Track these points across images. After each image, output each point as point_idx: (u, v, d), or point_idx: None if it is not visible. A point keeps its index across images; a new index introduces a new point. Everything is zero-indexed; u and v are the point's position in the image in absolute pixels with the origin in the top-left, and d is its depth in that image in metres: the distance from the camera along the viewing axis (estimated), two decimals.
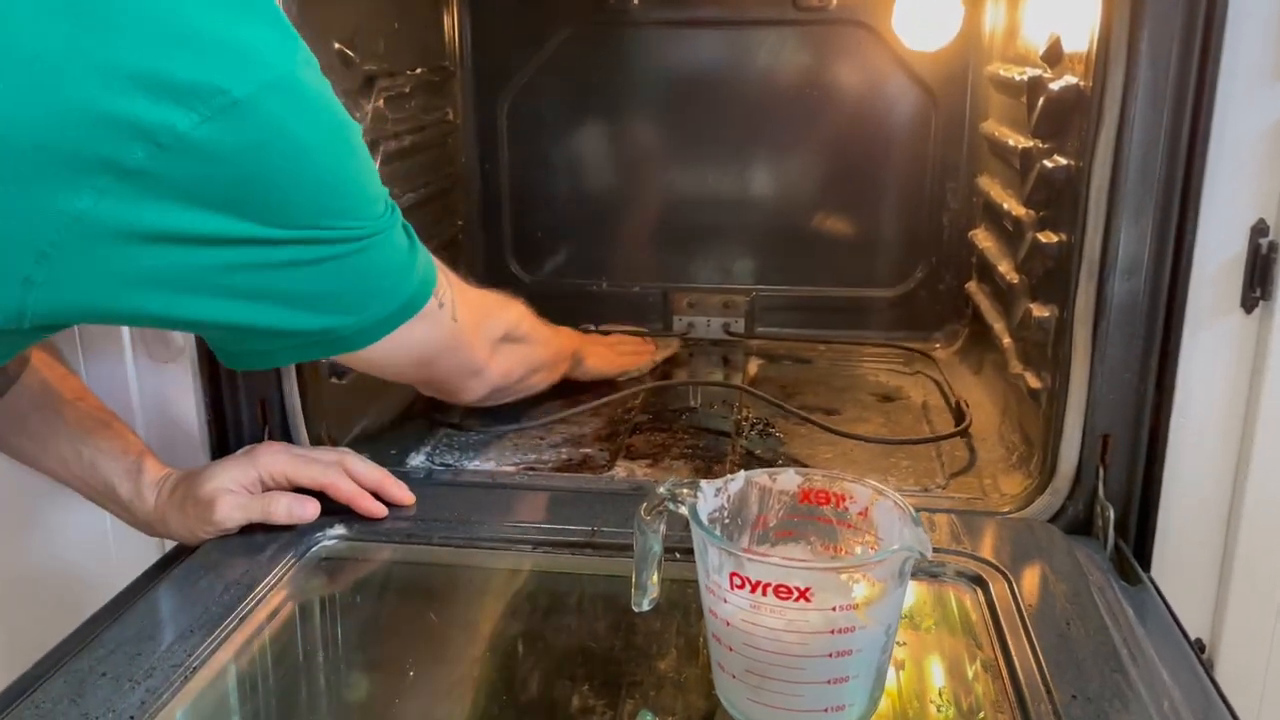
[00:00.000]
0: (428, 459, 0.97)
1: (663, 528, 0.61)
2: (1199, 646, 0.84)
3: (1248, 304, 0.77)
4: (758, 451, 0.98)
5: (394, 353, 0.72)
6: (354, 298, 0.65)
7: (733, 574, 0.53)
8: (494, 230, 1.35)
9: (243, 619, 0.68)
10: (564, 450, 0.99)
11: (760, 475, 0.62)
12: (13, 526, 0.92)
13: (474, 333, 0.83)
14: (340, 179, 0.61)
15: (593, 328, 1.29)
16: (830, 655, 0.53)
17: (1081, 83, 0.82)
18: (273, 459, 0.77)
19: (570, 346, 1.07)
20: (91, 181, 0.51)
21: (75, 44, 0.50)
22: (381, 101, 1.06)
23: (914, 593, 0.72)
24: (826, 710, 0.55)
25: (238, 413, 0.90)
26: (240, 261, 0.58)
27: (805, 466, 0.94)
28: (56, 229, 0.52)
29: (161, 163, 0.52)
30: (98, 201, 0.52)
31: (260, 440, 0.90)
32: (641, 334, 1.30)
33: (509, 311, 0.92)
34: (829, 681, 0.54)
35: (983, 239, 1.18)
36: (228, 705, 0.63)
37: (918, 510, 0.79)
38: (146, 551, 0.84)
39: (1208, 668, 0.69)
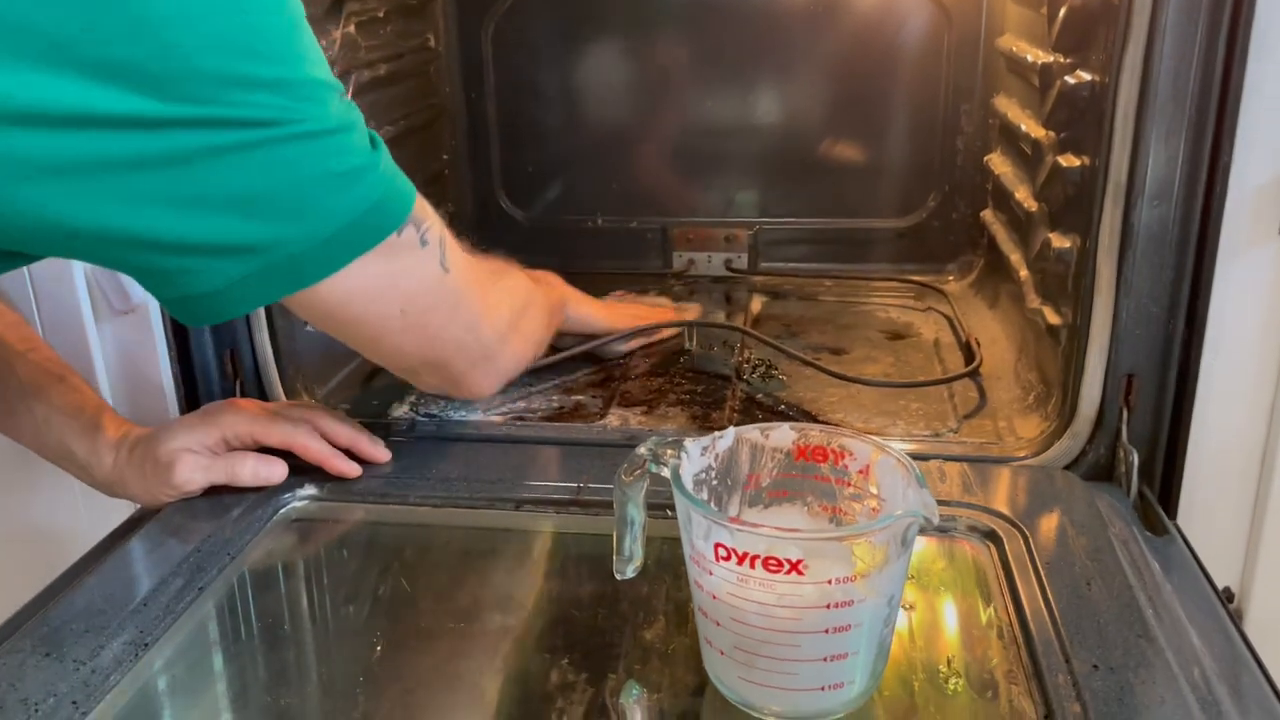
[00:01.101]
0: (411, 409, 0.92)
1: (644, 492, 0.56)
2: (1227, 595, 0.80)
3: None
4: (759, 396, 0.93)
5: (370, 302, 0.61)
6: (292, 200, 0.53)
7: (718, 544, 0.48)
8: (482, 164, 1.29)
9: (203, 589, 0.64)
10: (555, 397, 0.94)
11: (751, 431, 0.57)
12: None
13: (476, 299, 0.70)
14: (262, 35, 0.50)
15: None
16: (827, 631, 0.49)
17: None
18: (236, 417, 0.73)
19: (557, 296, 0.94)
20: None
21: None
22: (352, 27, 0.99)
23: (923, 550, 0.67)
24: (824, 689, 0.51)
25: (206, 366, 0.86)
26: (132, 151, 0.48)
27: (809, 411, 0.89)
28: None
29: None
30: None
31: (231, 394, 0.86)
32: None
33: (511, 279, 0.79)
34: (826, 659, 0.50)
35: (999, 164, 1.11)
36: (185, 684, 0.59)
37: (927, 458, 0.76)
38: (117, 513, 0.80)
39: (1237, 620, 0.64)
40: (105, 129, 0.47)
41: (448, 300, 0.67)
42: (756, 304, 1.18)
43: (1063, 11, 0.85)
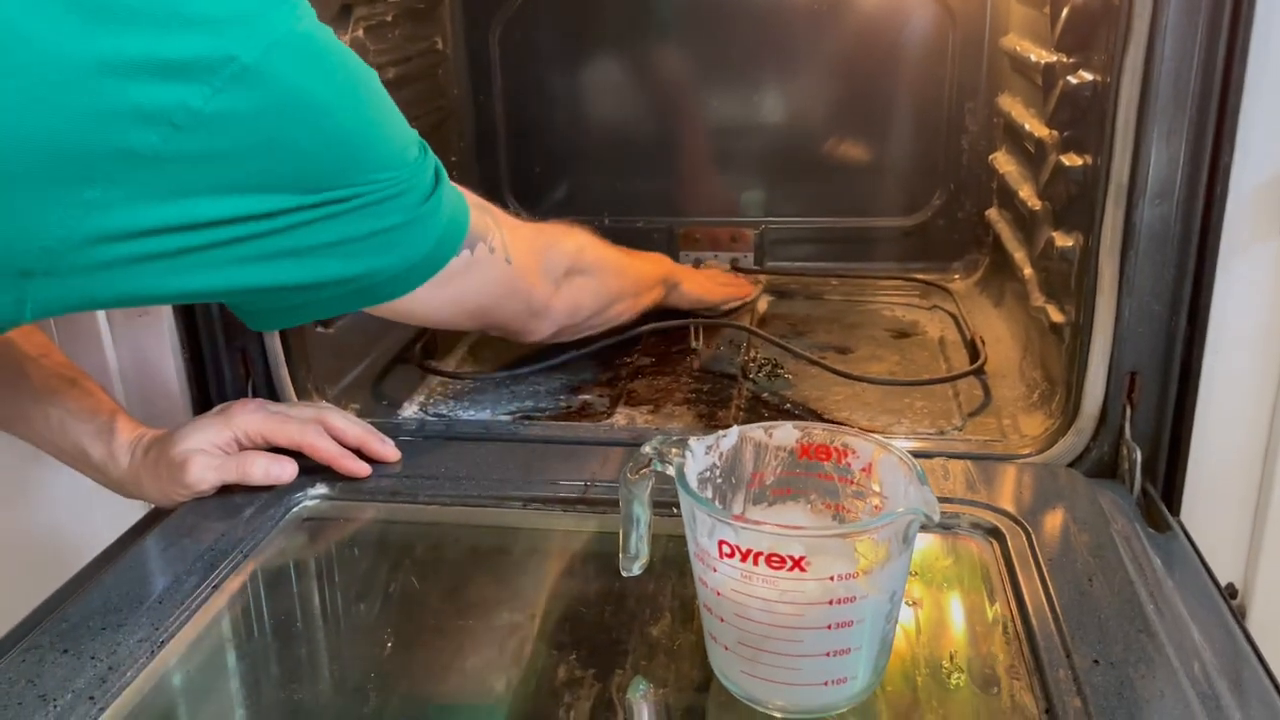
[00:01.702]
0: (421, 409, 0.93)
1: (649, 490, 0.56)
2: (1230, 592, 0.80)
3: None
4: (765, 394, 0.94)
5: (449, 306, 0.71)
6: (383, 243, 0.62)
7: (721, 541, 0.49)
8: (489, 165, 1.30)
9: (217, 586, 0.65)
10: (562, 397, 0.95)
11: (755, 430, 0.57)
12: None
13: (533, 273, 0.79)
14: (367, 130, 0.59)
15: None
16: (829, 627, 0.49)
17: None
18: (248, 418, 0.74)
19: (658, 273, 1.02)
20: (103, 173, 0.49)
21: (79, 39, 0.48)
22: (361, 31, 1.00)
23: (927, 547, 0.68)
24: (827, 684, 0.51)
25: (219, 366, 0.87)
26: (270, 230, 0.57)
27: (814, 410, 0.90)
28: (63, 223, 0.50)
29: (178, 144, 0.50)
30: (106, 193, 0.50)
31: (243, 394, 0.87)
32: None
33: (569, 241, 0.87)
34: (829, 654, 0.50)
35: (1003, 163, 1.11)
36: (199, 680, 0.60)
37: (931, 455, 0.77)
38: (132, 512, 0.81)
39: (1239, 617, 0.65)
40: (243, 223, 0.55)
41: (509, 287, 0.77)
42: (763, 303, 1.19)
43: (1065, 11, 0.85)
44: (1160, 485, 0.78)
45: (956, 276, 1.22)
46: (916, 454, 0.77)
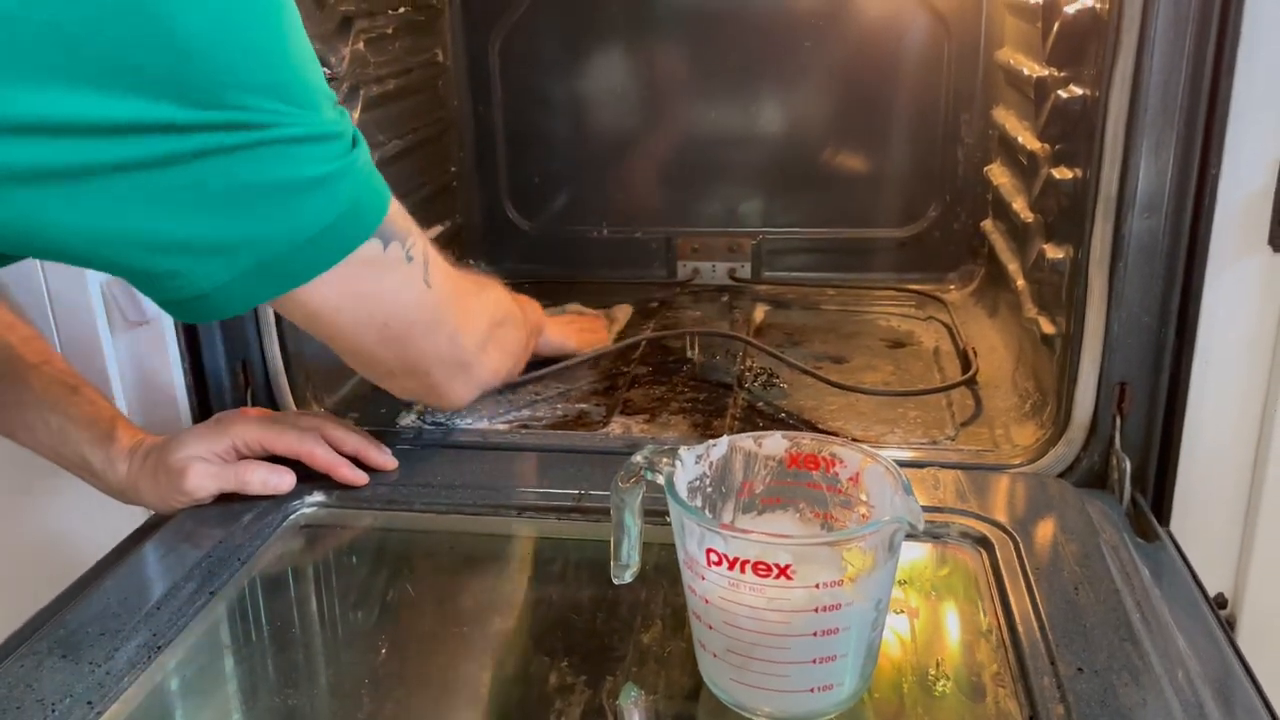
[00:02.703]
0: (418, 418, 0.94)
1: (640, 499, 0.57)
2: (1220, 601, 0.81)
3: (1275, 242, 0.72)
4: (760, 404, 0.95)
5: (348, 310, 0.62)
6: (277, 200, 0.54)
7: (709, 549, 0.50)
8: (489, 176, 1.31)
9: (214, 593, 0.66)
10: (559, 405, 0.96)
11: (745, 440, 0.58)
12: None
13: (456, 312, 0.71)
14: (271, 43, 0.52)
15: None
16: (816, 634, 0.50)
17: (1098, 5, 0.76)
18: (246, 426, 0.75)
19: (535, 319, 0.95)
20: None
21: None
22: (362, 44, 1.01)
23: (916, 556, 0.68)
24: (814, 690, 0.52)
25: (219, 375, 0.88)
26: (137, 154, 0.49)
27: (809, 420, 0.90)
28: None
29: (35, 3, 0.45)
30: None
31: (243, 403, 0.88)
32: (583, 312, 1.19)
33: (491, 293, 0.79)
34: (815, 661, 0.51)
35: (998, 174, 1.12)
36: (196, 685, 0.61)
37: (923, 465, 0.78)
38: (131, 518, 0.82)
39: (1227, 627, 0.65)
40: (113, 135, 0.49)
41: (429, 315, 0.68)
42: (760, 313, 1.19)
43: (1056, 26, 0.86)
44: (1149, 495, 0.78)
45: (952, 287, 1.23)
46: (909, 463, 0.78)
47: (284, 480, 0.75)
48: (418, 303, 0.66)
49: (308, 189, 0.55)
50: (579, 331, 1.07)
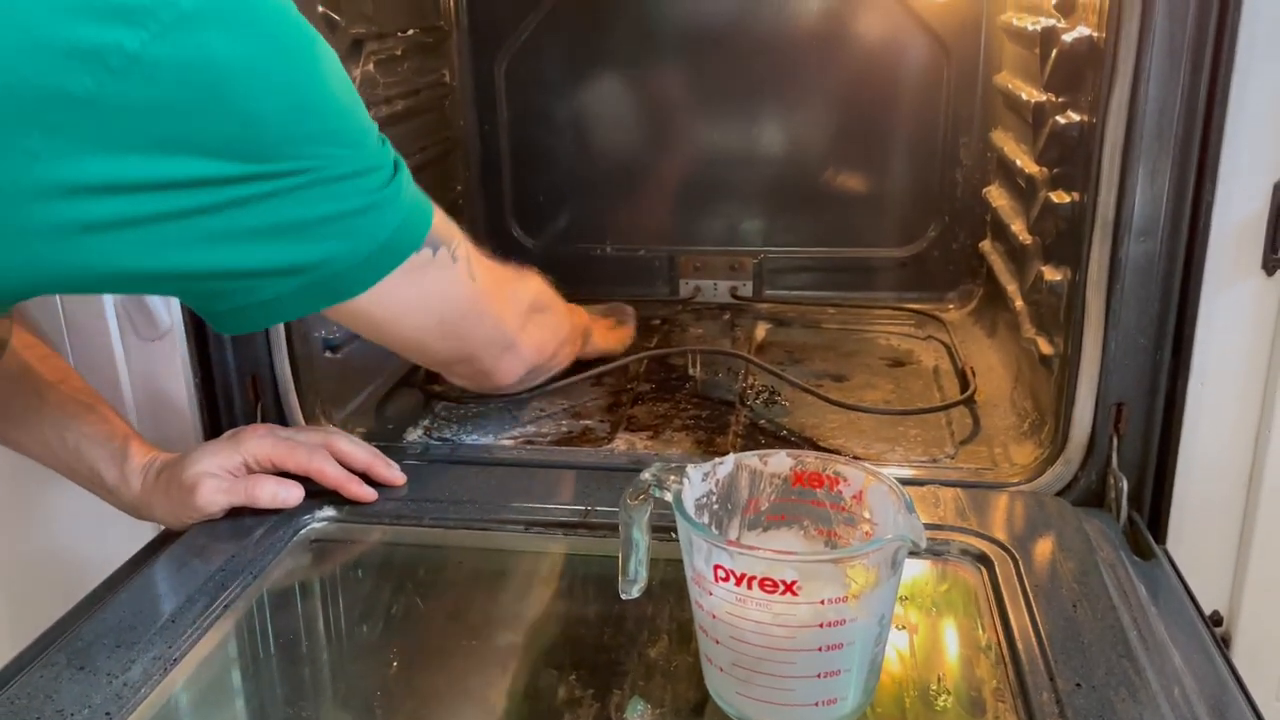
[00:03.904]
0: (425, 433, 0.95)
1: (648, 515, 0.58)
2: (1215, 620, 0.82)
3: (1269, 266, 0.74)
4: (762, 421, 0.96)
5: (409, 312, 0.68)
6: (338, 226, 0.59)
7: (717, 566, 0.51)
8: (494, 194, 1.32)
9: (228, 606, 0.67)
10: (564, 422, 0.97)
11: (750, 458, 0.59)
12: (10, 509, 0.91)
13: (499, 299, 0.78)
14: (320, 100, 0.57)
15: None
16: (820, 649, 0.51)
17: (1095, 34, 0.77)
18: (258, 443, 0.76)
19: (582, 321, 1.01)
20: (39, 118, 0.48)
21: None
22: (371, 65, 1.03)
23: (917, 573, 0.70)
24: (818, 704, 0.53)
25: (229, 390, 0.89)
26: (208, 203, 0.54)
27: (810, 437, 0.92)
28: (7, 171, 0.49)
29: (113, 89, 0.49)
30: (47, 142, 0.49)
31: (252, 418, 0.89)
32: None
33: (529, 280, 0.86)
34: (819, 675, 0.52)
35: (996, 197, 1.14)
36: (210, 697, 0.62)
37: (924, 483, 0.79)
38: (144, 533, 0.83)
39: (1222, 646, 0.67)
40: (180, 189, 0.53)
41: (475, 307, 0.75)
42: (761, 331, 1.21)
43: (1054, 53, 0.88)
44: (1146, 514, 0.80)
45: (951, 307, 1.24)
46: (909, 481, 0.79)
47: (292, 494, 0.76)
48: (467, 297, 0.73)
49: (360, 215, 0.60)
50: (614, 335, 1.11)
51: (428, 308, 0.70)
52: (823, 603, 0.50)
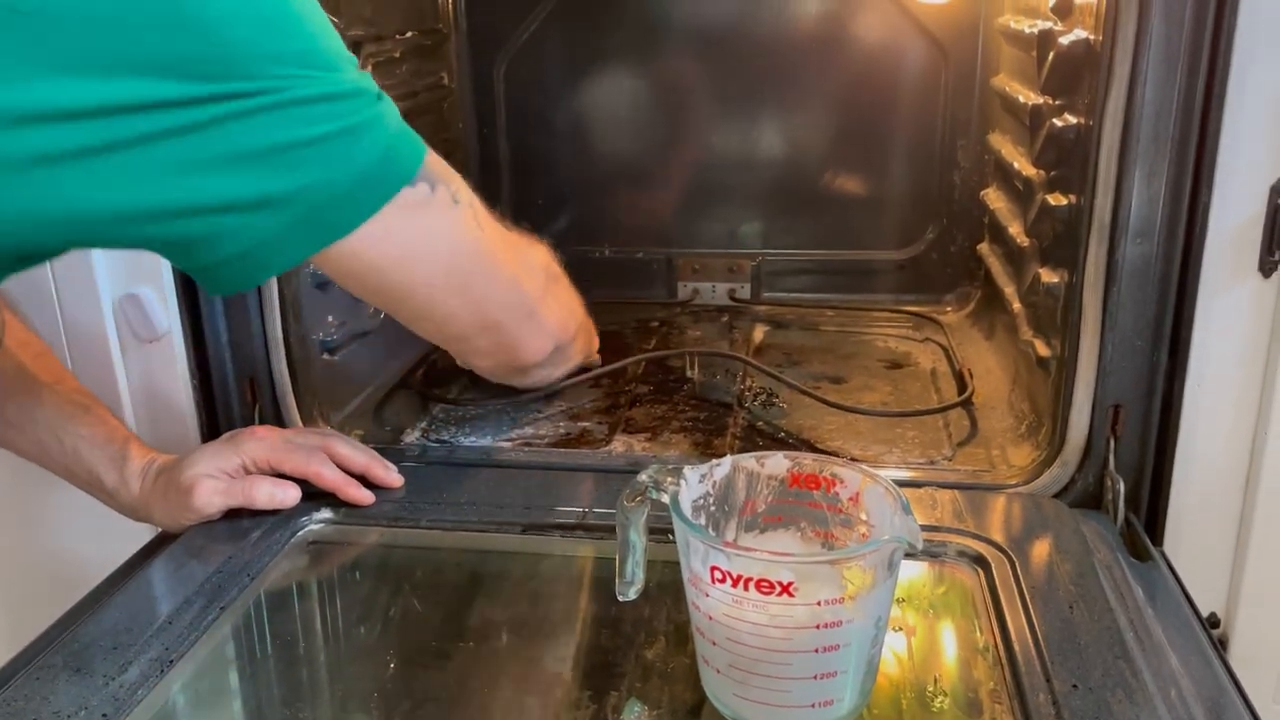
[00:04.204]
0: (423, 436, 0.95)
1: (645, 517, 0.58)
2: (1212, 621, 0.82)
3: (1266, 268, 0.74)
4: (760, 423, 0.96)
5: (412, 258, 0.62)
6: (311, 152, 0.54)
7: (714, 567, 0.51)
8: (492, 197, 1.31)
9: (225, 608, 0.67)
10: (562, 424, 0.97)
11: (748, 460, 0.59)
12: (7, 510, 0.91)
13: (512, 257, 0.71)
14: (289, 15, 0.53)
15: None
16: (817, 650, 0.51)
17: (1092, 37, 0.78)
18: (256, 445, 0.76)
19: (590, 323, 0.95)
20: None
21: None
22: (370, 67, 1.03)
23: (914, 574, 0.70)
24: (815, 706, 0.53)
25: (227, 392, 0.89)
26: (171, 127, 0.50)
27: (808, 439, 0.92)
28: None
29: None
30: None
31: (250, 420, 0.89)
32: None
33: (539, 248, 0.80)
34: (816, 677, 0.52)
35: (994, 199, 1.14)
36: (207, 699, 0.62)
37: (921, 485, 0.79)
38: (142, 535, 0.83)
39: (1219, 647, 0.67)
40: (130, 114, 0.49)
41: (487, 258, 0.69)
42: (759, 333, 1.21)
43: (1051, 55, 0.88)
44: (1143, 516, 0.80)
45: (949, 309, 1.25)
46: (907, 483, 0.80)
47: (289, 495, 0.76)
48: (473, 247, 0.67)
49: (336, 139, 0.55)
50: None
51: (433, 253, 0.64)
52: (819, 604, 0.50)
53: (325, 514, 0.77)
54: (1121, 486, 0.77)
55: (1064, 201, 0.84)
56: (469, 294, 0.69)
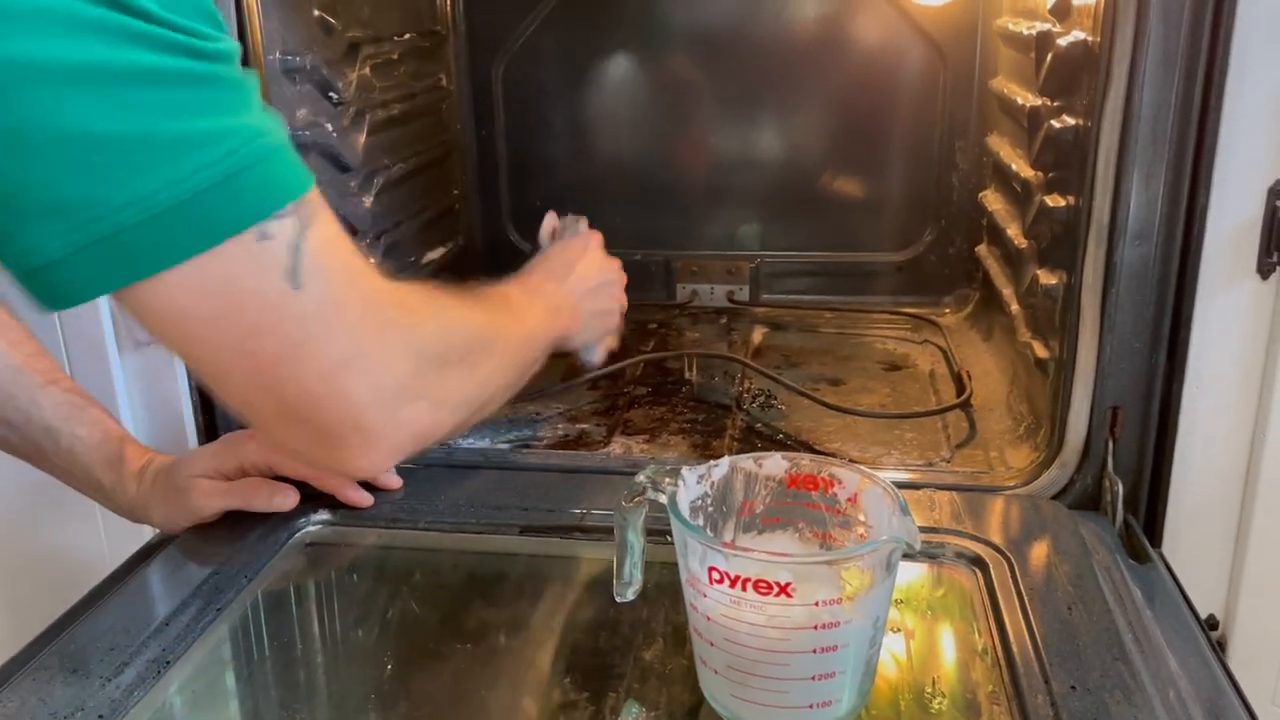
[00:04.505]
0: None
1: (643, 518, 0.58)
2: (1211, 623, 0.82)
3: (1264, 269, 0.74)
4: (758, 425, 0.96)
5: (211, 318, 0.47)
6: (131, 150, 0.43)
7: (711, 568, 0.51)
8: (491, 198, 1.33)
9: (221, 609, 0.67)
10: (560, 425, 0.97)
11: (746, 460, 0.59)
12: (4, 511, 0.91)
13: (353, 339, 0.52)
14: None
15: None
16: (815, 651, 0.51)
17: (1090, 39, 0.78)
18: (254, 447, 0.75)
19: (554, 301, 0.77)
20: None
21: None
22: (368, 69, 1.03)
23: (913, 576, 0.70)
24: (813, 706, 0.53)
25: None
26: None
27: (807, 441, 0.92)
28: None
29: None
30: None
31: (248, 423, 0.88)
32: None
33: (448, 316, 0.61)
34: (814, 677, 0.52)
35: (993, 201, 1.14)
36: (204, 701, 0.61)
37: (919, 487, 0.79)
38: (139, 536, 0.83)
39: (1218, 649, 0.67)
40: None
41: (293, 328, 0.50)
42: (758, 335, 1.21)
43: (1049, 57, 0.88)
44: (1141, 517, 0.80)
45: (947, 311, 1.25)
46: (906, 485, 0.79)
47: (288, 498, 0.76)
48: (275, 302, 0.49)
49: (171, 139, 0.44)
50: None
51: (230, 308, 0.48)
52: (817, 605, 0.50)
53: (323, 515, 0.77)
54: (1120, 488, 0.77)
55: (1062, 203, 0.84)
56: (255, 365, 0.50)
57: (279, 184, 0.48)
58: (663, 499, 0.56)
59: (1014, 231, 1.01)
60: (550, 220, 0.94)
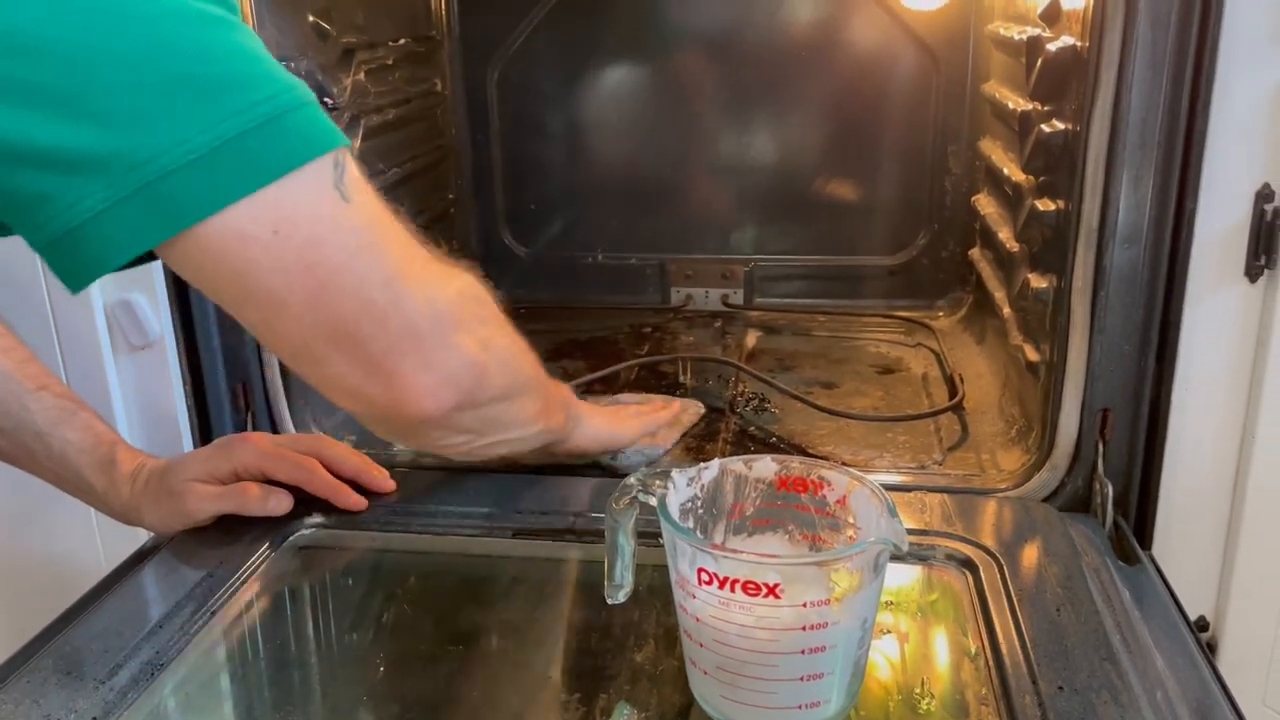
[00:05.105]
0: None
1: (634, 521, 0.59)
2: (1201, 624, 0.82)
3: (1252, 273, 0.74)
4: (752, 428, 0.96)
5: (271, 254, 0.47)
6: (163, 91, 0.42)
7: (701, 569, 0.52)
8: (486, 202, 1.33)
9: (215, 612, 0.67)
10: None
11: (735, 463, 0.60)
12: (1, 514, 0.91)
13: (401, 254, 0.53)
14: None
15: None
16: (803, 652, 0.52)
17: (1079, 43, 0.78)
18: (248, 451, 0.76)
19: (560, 394, 0.76)
20: None
21: None
22: (363, 74, 1.03)
23: (903, 578, 0.70)
24: (801, 707, 0.54)
25: (219, 397, 0.89)
26: None
27: (800, 444, 0.92)
28: None
29: None
30: None
31: (243, 426, 0.89)
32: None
33: (467, 274, 0.61)
34: (803, 678, 0.52)
35: (985, 205, 1.15)
36: (197, 703, 0.62)
37: (911, 489, 0.79)
38: (132, 540, 0.83)
39: (1207, 651, 0.67)
40: None
41: (348, 237, 0.50)
42: (752, 338, 1.21)
43: (1039, 61, 0.88)
44: (1131, 519, 0.80)
45: (940, 314, 1.25)
46: (897, 487, 0.80)
47: (282, 502, 0.76)
48: (336, 222, 0.50)
49: (205, 80, 0.43)
50: (632, 418, 0.88)
51: (284, 246, 0.48)
52: (806, 606, 0.50)
53: (317, 519, 0.77)
54: (1110, 490, 0.78)
55: (1052, 207, 0.85)
56: (322, 310, 0.51)
57: (324, 129, 0.49)
58: (653, 502, 0.56)
59: (1006, 235, 1.02)
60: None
